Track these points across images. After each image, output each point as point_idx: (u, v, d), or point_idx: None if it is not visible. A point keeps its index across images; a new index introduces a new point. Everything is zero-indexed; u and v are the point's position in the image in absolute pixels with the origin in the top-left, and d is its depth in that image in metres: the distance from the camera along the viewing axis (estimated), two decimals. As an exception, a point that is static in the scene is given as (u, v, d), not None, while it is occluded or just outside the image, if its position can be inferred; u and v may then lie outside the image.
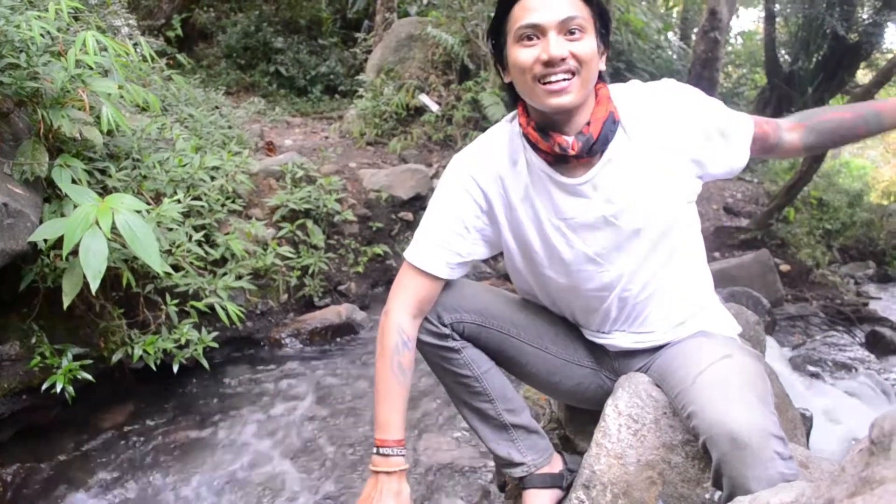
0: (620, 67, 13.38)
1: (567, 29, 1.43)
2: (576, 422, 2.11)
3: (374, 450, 1.63)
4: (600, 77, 1.55)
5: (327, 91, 10.73)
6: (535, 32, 1.45)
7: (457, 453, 2.87)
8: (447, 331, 1.70)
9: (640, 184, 1.55)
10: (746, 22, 23.51)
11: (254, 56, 10.78)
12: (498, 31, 1.55)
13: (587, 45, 1.45)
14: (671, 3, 17.32)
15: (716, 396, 1.35)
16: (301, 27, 11.50)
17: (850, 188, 10.85)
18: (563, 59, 1.43)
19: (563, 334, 1.82)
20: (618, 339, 1.73)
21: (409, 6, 10.90)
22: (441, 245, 1.65)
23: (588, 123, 1.52)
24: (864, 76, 13.95)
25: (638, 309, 1.67)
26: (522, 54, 1.46)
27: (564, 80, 1.44)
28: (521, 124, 1.60)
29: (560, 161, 1.55)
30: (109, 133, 2.88)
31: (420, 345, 1.71)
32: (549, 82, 1.45)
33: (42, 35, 2.63)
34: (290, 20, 11.48)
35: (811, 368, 4.82)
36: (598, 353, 1.81)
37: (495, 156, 1.65)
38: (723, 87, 15.07)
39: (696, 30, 14.80)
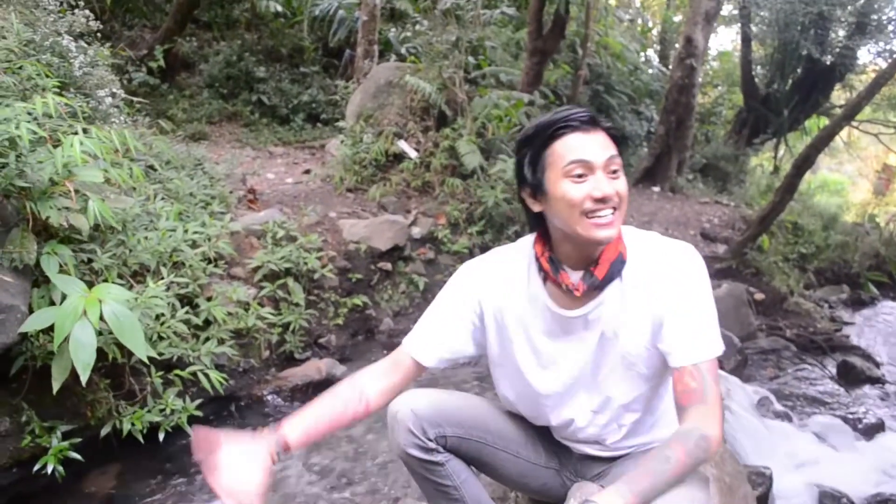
0: (600, 90, 13.58)
1: (610, 168, 1.55)
2: (539, 513, 2.25)
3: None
4: None
5: (309, 119, 10.84)
6: (585, 170, 1.54)
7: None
8: (433, 445, 1.83)
9: (625, 330, 1.66)
10: (724, 41, 23.79)
11: (236, 85, 10.86)
12: (535, 163, 1.62)
13: (624, 182, 1.57)
14: (650, 25, 17.55)
15: None
16: (283, 56, 11.59)
17: (825, 210, 11.06)
18: (611, 197, 1.53)
19: (531, 439, 1.97)
20: (581, 447, 1.89)
21: (387, 34, 11.05)
22: (435, 339, 1.81)
23: (597, 263, 1.62)
24: (838, 97, 14.23)
25: (602, 428, 1.81)
26: (573, 190, 1.54)
27: (610, 214, 1.55)
28: (536, 252, 1.71)
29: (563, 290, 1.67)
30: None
31: (407, 457, 1.84)
32: (598, 217, 1.54)
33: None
34: (273, 49, 11.56)
35: (779, 408, 4.92)
36: (564, 454, 1.96)
37: (502, 276, 1.78)
38: (702, 106, 15.30)
39: (674, 51, 15.01)
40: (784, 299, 7.86)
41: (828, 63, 12.72)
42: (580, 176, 1.53)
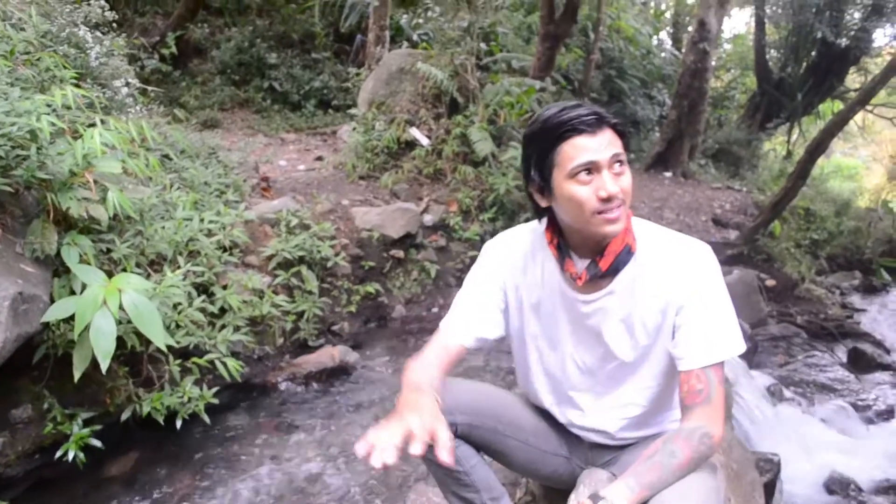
0: (612, 74, 13.50)
1: (615, 165, 1.59)
2: (549, 498, 2.30)
3: None
4: None
5: (321, 105, 10.85)
6: (592, 171, 1.58)
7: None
8: None
9: (635, 321, 1.72)
10: (738, 23, 23.49)
11: (248, 71, 10.89)
12: (542, 163, 1.65)
13: (629, 176, 1.61)
14: (663, 8, 17.41)
15: None
16: (294, 42, 11.59)
17: (839, 195, 10.98)
18: (616, 195, 1.57)
19: (543, 428, 2.02)
20: (590, 436, 1.94)
21: (399, 19, 11.02)
22: (471, 319, 1.86)
23: (603, 254, 1.67)
24: (853, 81, 14.10)
25: (606, 418, 1.87)
26: (580, 191, 1.58)
27: (617, 210, 1.59)
28: (546, 238, 1.76)
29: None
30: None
31: None
32: (606, 214, 1.58)
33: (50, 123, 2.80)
34: (284, 35, 11.57)
35: (789, 394, 4.94)
36: (573, 442, 2.01)
37: (520, 253, 1.85)
38: (715, 90, 15.18)
39: (687, 34, 14.89)
40: (795, 285, 7.84)
41: (843, 46, 12.61)
42: (588, 175, 1.57)
